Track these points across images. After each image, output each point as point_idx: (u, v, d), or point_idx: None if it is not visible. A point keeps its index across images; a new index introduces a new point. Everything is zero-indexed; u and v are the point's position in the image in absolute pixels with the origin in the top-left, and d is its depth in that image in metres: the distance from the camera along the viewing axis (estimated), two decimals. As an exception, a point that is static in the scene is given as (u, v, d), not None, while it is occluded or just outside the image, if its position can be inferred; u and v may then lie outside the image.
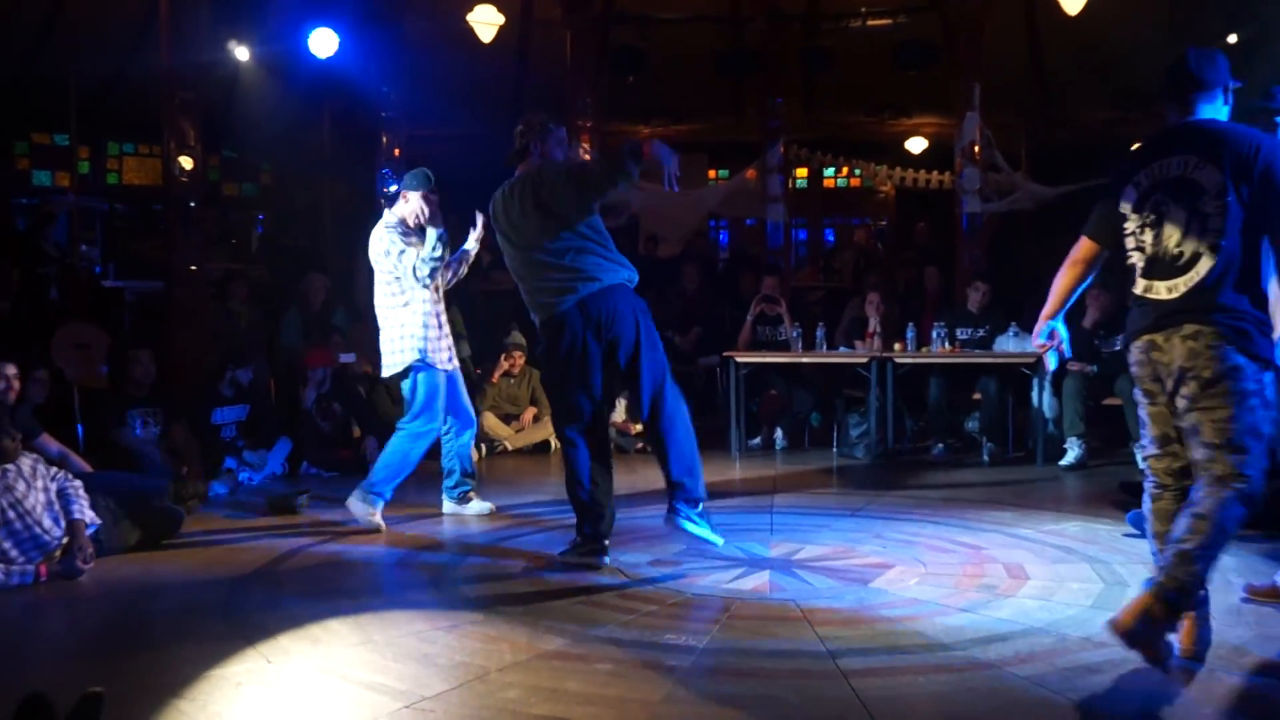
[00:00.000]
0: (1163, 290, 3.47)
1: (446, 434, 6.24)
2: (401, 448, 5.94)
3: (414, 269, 5.85)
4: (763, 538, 5.48)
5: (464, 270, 6.26)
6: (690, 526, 4.78)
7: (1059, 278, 3.80)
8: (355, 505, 5.85)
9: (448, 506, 6.28)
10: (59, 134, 13.65)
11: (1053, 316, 3.82)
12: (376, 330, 6.10)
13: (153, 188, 12.49)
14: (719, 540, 4.89)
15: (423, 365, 5.94)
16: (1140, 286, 3.55)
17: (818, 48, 11.64)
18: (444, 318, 6.10)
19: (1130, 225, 3.58)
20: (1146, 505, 3.64)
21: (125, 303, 10.83)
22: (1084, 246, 3.76)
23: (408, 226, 5.96)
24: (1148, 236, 3.52)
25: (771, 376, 8.83)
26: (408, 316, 5.95)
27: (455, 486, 6.27)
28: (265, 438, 7.75)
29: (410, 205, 5.94)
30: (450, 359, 6.10)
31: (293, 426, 7.99)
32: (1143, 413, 3.61)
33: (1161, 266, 3.48)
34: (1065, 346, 3.82)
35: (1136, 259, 3.57)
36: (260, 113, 11.11)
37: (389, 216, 5.99)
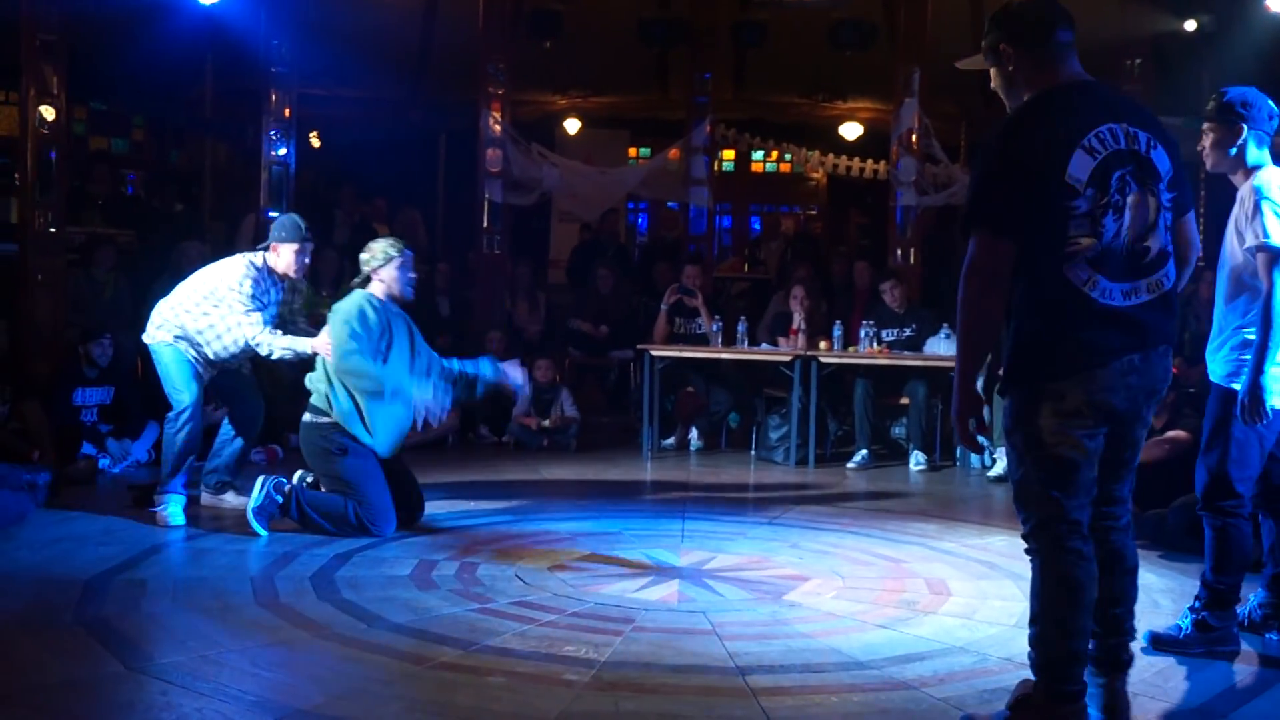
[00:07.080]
0: (1119, 294, 3.06)
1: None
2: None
3: (270, 320, 5.86)
4: (673, 545, 5.54)
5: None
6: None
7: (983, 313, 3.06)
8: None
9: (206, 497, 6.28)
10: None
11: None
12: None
13: (8, 139, 12.11)
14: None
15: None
16: (1085, 281, 3.03)
17: (750, 21, 11.71)
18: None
19: (1081, 203, 3.01)
20: (1087, 571, 3.09)
21: (-27, 268, 10.49)
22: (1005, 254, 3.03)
23: (276, 278, 5.96)
24: (1109, 221, 3.02)
25: (688, 373, 8.90)
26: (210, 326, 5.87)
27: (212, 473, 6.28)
28: (132, 426, 7.58)
29: (283, 259, 5.91)
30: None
31: (158, 410, 7.82)
32: (1076, 455, 3.06)
33: (1117, 262, 3.05)
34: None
35: (1084, 244, 3.02)
36: (134, 61, 10.84)
37: (256, 259, 5.92)
